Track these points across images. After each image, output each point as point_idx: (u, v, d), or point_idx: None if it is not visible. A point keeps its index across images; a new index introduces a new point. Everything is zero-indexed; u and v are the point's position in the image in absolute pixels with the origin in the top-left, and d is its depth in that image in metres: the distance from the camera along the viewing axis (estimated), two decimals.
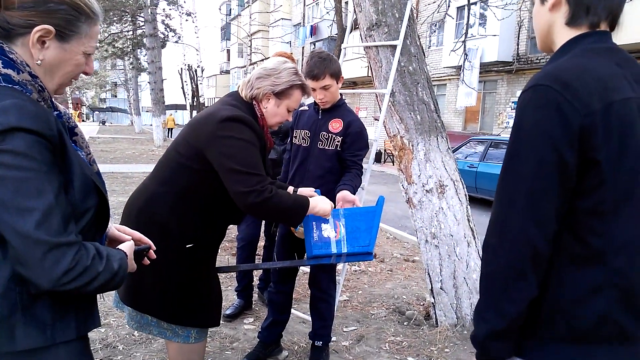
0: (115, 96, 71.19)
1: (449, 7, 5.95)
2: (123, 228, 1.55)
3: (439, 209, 3.65)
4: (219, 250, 2.35)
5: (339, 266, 4.00)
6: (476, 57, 17.44)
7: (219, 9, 55.68)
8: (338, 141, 2.94)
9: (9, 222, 1.04)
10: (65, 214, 1.10)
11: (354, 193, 2.77)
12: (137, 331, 2.18)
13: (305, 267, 3.87)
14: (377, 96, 3.92)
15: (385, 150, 21.43)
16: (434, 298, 3.72)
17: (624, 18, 1.23)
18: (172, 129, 33.62)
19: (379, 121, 3.80)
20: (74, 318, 1.21)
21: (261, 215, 2.25)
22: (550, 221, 1.11)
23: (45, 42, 1.17)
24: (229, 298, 4.13)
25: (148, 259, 1.55)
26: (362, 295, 4.52)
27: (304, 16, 33.66)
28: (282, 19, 37.64)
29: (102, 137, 28.09)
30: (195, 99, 34.64)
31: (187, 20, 26.26)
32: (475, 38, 17.62)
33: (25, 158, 1.04)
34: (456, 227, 3.64)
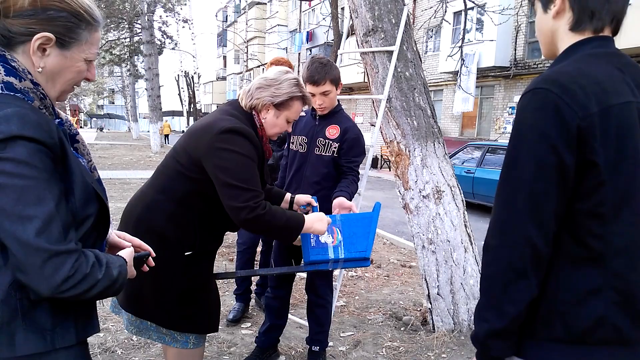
0: (113, 103, 71.27)
1: (445, 12, 5.97)
2: (123, 234, 1.56)
3: (435, 214, 3.66)
4: (216, 256, 2.36)
5: (336, 272, 4.01)
6: (473, 63, 17.44)
7: (215, 16, 55.88)
8: (335, 147, 2.95)
9: (9, 230, 1.05)
10: (65, 222, 1.11)
11: (350, 199, 2.77)
12: (136, 336, 2.19)
13: (302, 273, 3.87)
14: (373, 102, 3.93)
15: (381, 156, 21.46)
16: (430, 304, 3.73)
17: (624, 22, 1.24)
18: (168, 135, 33.73)
19: (375, 127, 3.81)
20: (73, 324, 1.22)
21: (254, 231, 2.24)
22: (550, 222, 1.12)
23: (45, 50, 1.17)
24: (227, 303, 4.14)
25: (147, 265, 1.56)
26: (359, 300, 4.52)
27: (300, 22, 33.77)
28: (278, 25, 37.69)
29: (99, 143, 28.07)
30: (192, 106, 34.71)
31: (183, 27, 26.46)
32: (472, 43, 17.60)
33: (26, 166, 1.05)
34: (453, 232, 3.65)
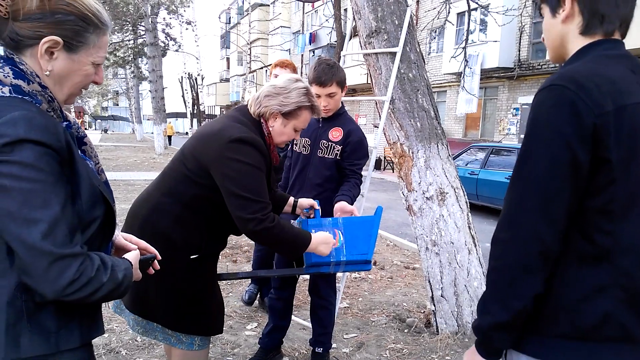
0: (117, 104, 71.51)
1: (449, 13, 5.96)
2: (129, 237, 1.56)
3: (439, 216, 3.66)
4: (219, 257, 2.37)
5: (339, 273, 4.01)
6: (477, 64, 17.39)
7: (219, 18, 55.84)
8: (338, 150, 2.95)
9: (15, 233, 1.05)
10: (71, 225, 1.11)
11: (351, 204, 2.76)
12: (142, 336, 2.20)
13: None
14: (376, 103, 3.93)
15: (385, 157, 21.43)
16: (434, 306, 3.72)
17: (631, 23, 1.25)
18: (170, 136, 33.84)
19: (378, 128, 3.81)
20: (78, 326, 1.22)
21: (260, 242, 2.26)
22: (561, 219, 1.12)
23: (53, 53, 1.18)
24: (230, 304, 4.15)
25: (153, 268, 1.56)
26: (363, 302, 4.52)
27: (303, 24, 33.76)
28: (281, 26, 37.71)
29: (104, 145, 28.17)
30: (195, 107, 34.79)
31: (187, 29, 26.48)
32: (476, 44, 17.57)
33: (33, 169, 1.06)
34: (457, 234, 3.65)
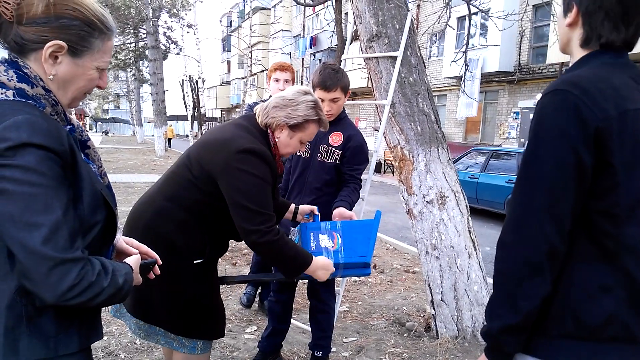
0: (118, 107, 71.48)
1: (449, 17, 5.93)
2: (130, 241, 1.55)
3: (439, 220, 3.65)
4: (218, 260, 2.37)
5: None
6: (477, 68, 17.40)
7: (220, 21, 56.00)
8: (337, 154, 2.95)
9: (16, 237, 1.05)
10: (72, 230, 1.11)
11: (350, 209, 2.76)
12: (144, 340, 2.21)
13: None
14: (377, 107, 3.93)
15: (385, 161, 21.45)
16: (434, 310, 3.71)
17: None
18: (171, 139, 33.92)
19: (379, 132, 3.81)
20: (76, 331, 1.22)
21: (261, 255, 2.26)
22: (566, 219, 1.14)
23: (57, 57, 1.18)
24: (230, 307, 4.14)
25: (153, 273, 1.55)
26: (362, 306, 4.52)
27: (303, 27, 33.82)
28: (282, 30, 37.75)
29: (105, 147, 28.19)
30: (196, 110, 34.78)
31: (188, 32, 26.47)
32: (476, 48, 17.57)
33: (35, 173, 1.05)
34: (457, 238, 3.64)
